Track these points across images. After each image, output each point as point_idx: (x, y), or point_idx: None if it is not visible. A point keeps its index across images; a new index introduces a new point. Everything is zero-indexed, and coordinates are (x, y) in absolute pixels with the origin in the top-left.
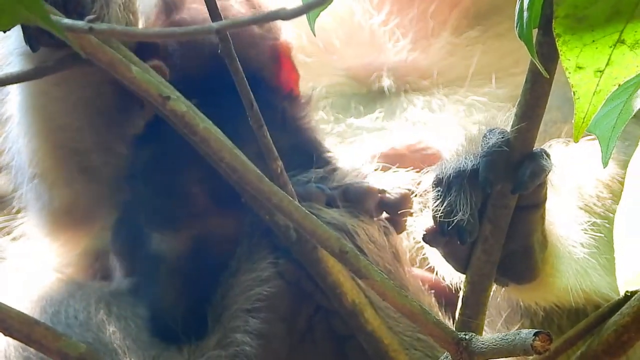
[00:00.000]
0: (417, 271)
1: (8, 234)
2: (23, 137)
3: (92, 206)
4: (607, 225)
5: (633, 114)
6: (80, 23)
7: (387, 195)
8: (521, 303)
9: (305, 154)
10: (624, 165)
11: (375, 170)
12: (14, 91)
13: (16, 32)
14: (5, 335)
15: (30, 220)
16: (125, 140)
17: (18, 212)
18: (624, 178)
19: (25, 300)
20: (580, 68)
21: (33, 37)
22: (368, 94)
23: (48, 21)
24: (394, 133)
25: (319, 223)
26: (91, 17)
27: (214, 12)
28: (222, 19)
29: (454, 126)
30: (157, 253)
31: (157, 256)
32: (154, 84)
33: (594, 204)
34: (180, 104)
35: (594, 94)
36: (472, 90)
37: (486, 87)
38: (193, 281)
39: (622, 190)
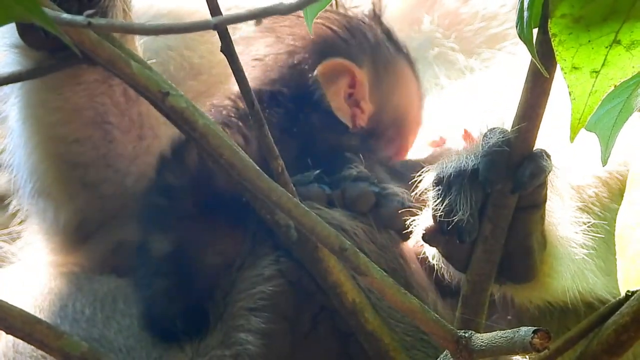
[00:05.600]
0: None
1: (13, 240)
2: (23, 150)
3: (98, 223)
4: (606, 226)
5: (633, 112)
6: (79, 18)
7: (384, 197)
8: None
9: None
10: (625, 162)
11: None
12: (12, 100)
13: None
14: (7, 333)
15: (35, 235)
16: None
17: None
18: (623, 176)
19: (34, 293)
20: (576, 68)
21: (28, 35)
22: None
23: (43, 18)
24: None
25: (319, 220)
26: (90, 12)
27: (214, 8)
28: (221, 14)
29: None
30: (149, 254)
31: (151, 257)
32: (153, 80)
33: (592, 204)
34: (180, 100)
35: (589, 94)
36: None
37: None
38: (191, 281)
39: (620, 188)
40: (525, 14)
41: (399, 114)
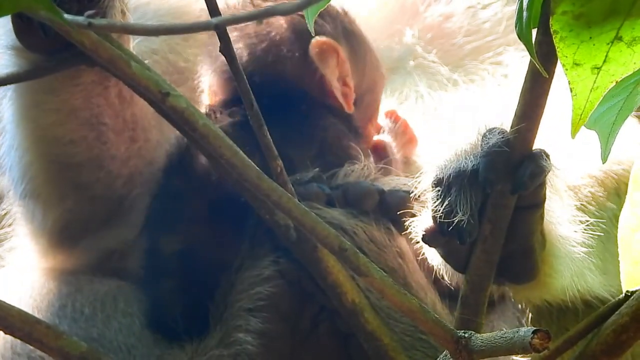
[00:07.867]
0: None
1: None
2: (16, 151)
3: (84, 225)
4: (602, 225)
5: (633, 110)
6: (79, 18)
7: (387, 195)
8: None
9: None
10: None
11: (377, 170)
12: (7, 102)
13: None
14: (6, 333)
15: (23, 237)
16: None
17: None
18: (618, 175)
19: (33, 294)
20: (577, 65)
21: (25, 37)
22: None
23: (50, 8)
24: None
25: (319, 220)
26: (91, 12)
27: (213, 8)
28: (221, 15)
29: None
30: (156, 253)
31: (156, 256)
32: (154, 80)
33: (589, 203)
34: (180, 100)
35: (591, 90)
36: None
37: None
38: (193, 280)
39: (616, 187)
40: (525, 14)
41: (371, 87)
